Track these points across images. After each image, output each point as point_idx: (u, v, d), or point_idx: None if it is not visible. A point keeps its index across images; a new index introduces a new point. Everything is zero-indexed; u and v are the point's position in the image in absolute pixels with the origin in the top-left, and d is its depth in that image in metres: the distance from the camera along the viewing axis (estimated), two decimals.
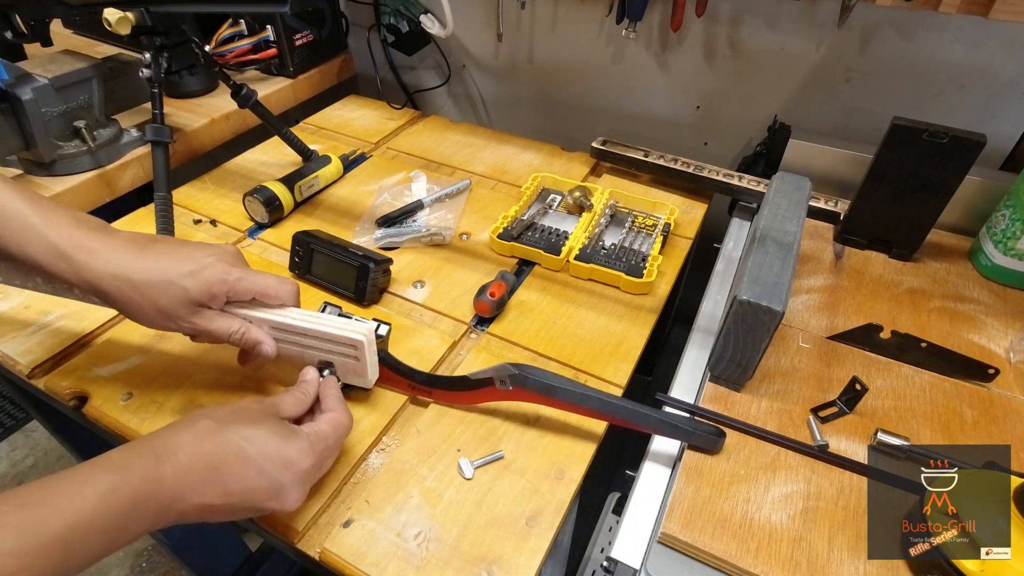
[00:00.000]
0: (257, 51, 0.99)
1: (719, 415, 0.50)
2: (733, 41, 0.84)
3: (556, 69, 1.00)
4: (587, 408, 0.49)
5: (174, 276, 0.45)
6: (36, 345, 0.59)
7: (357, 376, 0.52)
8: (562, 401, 0.49)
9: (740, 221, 0.77)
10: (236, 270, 0.48)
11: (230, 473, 0.39)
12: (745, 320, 0.47)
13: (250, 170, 0.86)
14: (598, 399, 0.48)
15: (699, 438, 0.47)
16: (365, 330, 0.49)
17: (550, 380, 0.48)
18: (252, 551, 1.14)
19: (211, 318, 0.47)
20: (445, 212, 0.78)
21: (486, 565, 0.43)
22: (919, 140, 0.60)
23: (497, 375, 0.50)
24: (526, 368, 0.49)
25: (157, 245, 0.46)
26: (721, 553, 0.41)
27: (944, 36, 0.73)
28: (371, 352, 0.50)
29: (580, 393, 0.48)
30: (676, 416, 0.49)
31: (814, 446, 0.48)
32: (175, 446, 0.38)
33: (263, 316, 0.49)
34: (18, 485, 0.33)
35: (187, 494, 0.38)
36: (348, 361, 0.50)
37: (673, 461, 0.49)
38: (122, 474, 0.35)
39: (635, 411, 0.47)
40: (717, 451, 0.48)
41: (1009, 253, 0.63)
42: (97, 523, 0.34)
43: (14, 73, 0.69)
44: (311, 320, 0.49)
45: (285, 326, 0.49)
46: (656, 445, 0.51)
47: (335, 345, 0.49)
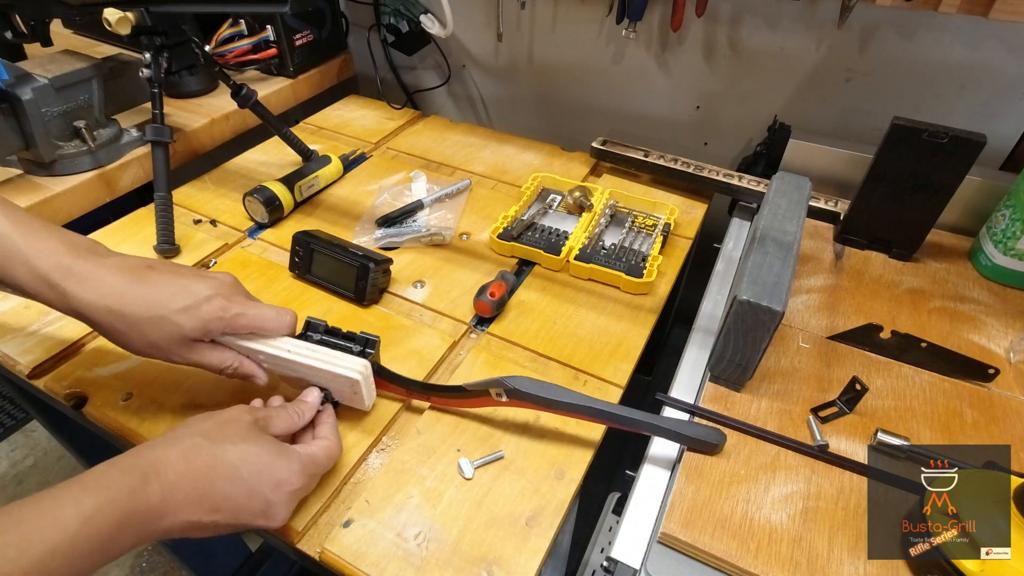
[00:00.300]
0: (257, 51, 0.99)
1: (719, 415, 0.50)
2: (733, 41, 0.84)
3: (556, 69, 1.00)
4: (586, 416, 0.49)
5: (168, 312, 0.43)
6: (36, 345, 0.59)
7: (354, 402, 0.51)
8: (559, 411, 0.49)
9: (740, 221, 0.77)
10: (234, 305, 0.46)
11: (219, 492, 0.39)
12: (745, 320, 0.47)
13: (250, 170, 0.86)
14: (595, 409, 0.48)
15: (697, 442, 0.47)
16: (361, 367, 0.48)
17: (545, 393, 0.48)
18: (252, 551, 1.14)
19: (204, 352, 0.46)
20: (445, 212, 0.78)
21: (486, 565, 0.43)
22: (919, 140, 0.60)
23: (493, 388, 0.49)
24: (521, 381, 0.48)
25: (152, 274, 0.45)
26: (721, 553, 0.41)
27: (944, 36, 0.73)
28: (368, 384, 0.49)
29: (576, 404, 0.48)
30: (673, 421, 0.48)
31: (814, 446, 0.48)
32: (163, 464, 0.37)
33: (258, 348, 0.48)
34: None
35: (174, 512, 0.37)
36: (345, 390, 0.50)
37: (673, 461, 0.49)
38: (107, 494, 0.34)
39: (632, 418, 0.47)
40: (717, 453, 0.48)
41: (1009, 253, 0.63)
42: (81, 545, 0.33)
43: (14, 73, 0.69)
44: (307, 355, 0.48)
45: (279, 360, 0.48)
46: (656, 446, 0.51)
47: (332, 379, 0.49)
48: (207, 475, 0.38)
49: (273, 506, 0.41)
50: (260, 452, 0.41)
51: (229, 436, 0.41)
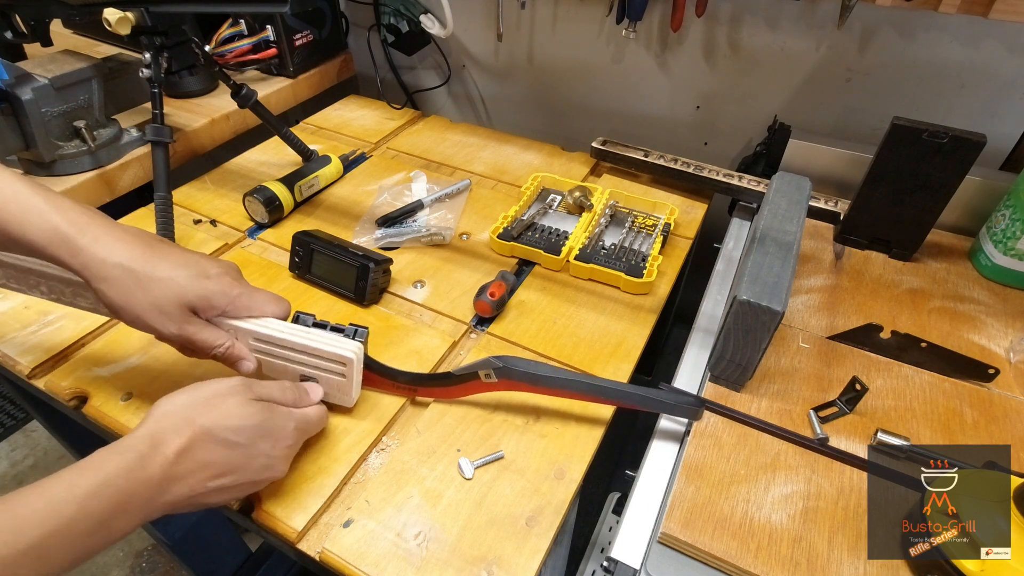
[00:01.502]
0: (257, 51, 0.99)
1: (723, 407, 0.51)
2: (733, 41, 0.84)
3: (556, 69, 1.00)
4: (573, 392, 0.50)
5: (178, 276, 0.44)
6: (36, 345, 0.59)
7: (340, 393, 0.51)
8: (548, 388, 0.50)
9: (740, 221, 0.77)
10: (238, 286, 0.48)
11: (220, 459, 0.40)
12: (745, 320, 0.47)
13: (250, 170, 0.86)
14: (582, 383, 0.49)
15: (680, 409, 0.49)
16: (354, 347, 0.48)
17: (534, 369, 0.49)
18: (252, 551, 1.14)
19: (199, 327, 0.46)
20: (445, 212, 0.78)
21: (486, 565, 0.43)
22: (919, 140, 0.60)
23: (481, 369, 0.50)
24: (510, 360, 0.49)
25: (164, 246, 0.46)
26: (721, 553, 0.41)
27: (944, 36, 0.73)
28: (358, 371, 0.50)
29: (564, 379, 0.50)
30: (656, 391, 0.50)
31: (814, 439, 0.48)
32: (161, 440, 0.38)
33: (251, 328, 0.48)
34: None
35: (178, 485, 0.38)
36: (333, 378, 0.50)
37: (673, 461, 0.49)
38: (102, 476, 0.35)
39: (618, 390, 0.49)
40: (699, 419, 0.49)
41: (1009, 253, 0.63)
42: (78, 527, 0.34)
43: (14, 73, 0.69)
44: (300, 335, 0.48)
45: (273, 339, 0.48)
46: (656, 445, 0.51)
47: (323, 361, 0.49)
48: (205, 445, 0.40)
49: (275, 460, 0.44)
50: (254, 413, 0.43)
51: (225, 402, 0.42)
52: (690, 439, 0.49)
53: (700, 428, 0.49)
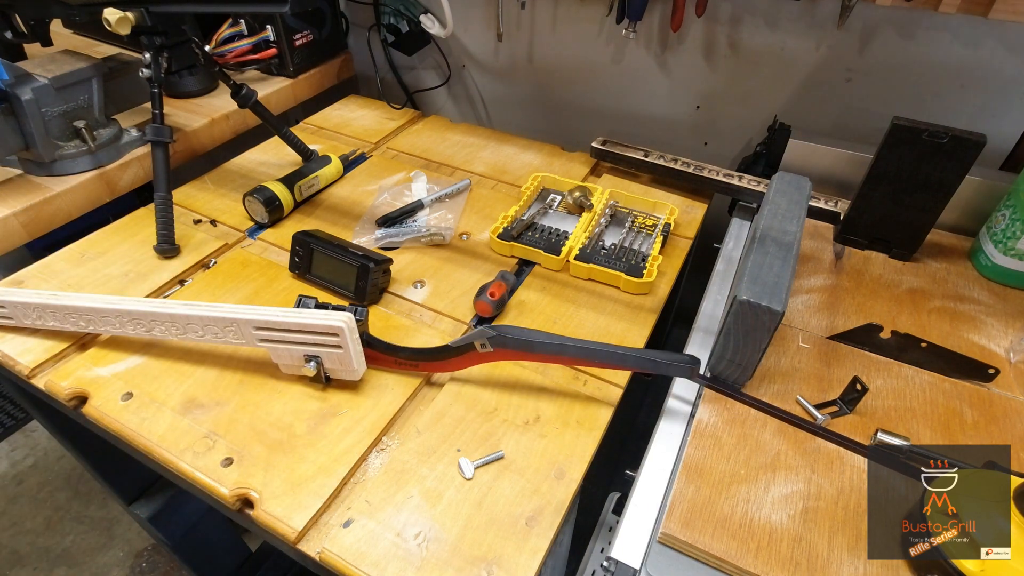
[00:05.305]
0: (257, 51, 0.99)
1: (731, 389, 0.51)
2: (733, 41, 0.84)
3: (556, 69, 1.00)
4: (566, 357, 0.51)
5: None
6: (36, 345, 0.59)
7: (344, 368, 0.53)
8: (542, 355, 0.52)
9: (740, 221, 0.77)
10: None
11: None
12: (745, 320, 0.47)
13: (250, 170, 0.86)
14: (575, 347, 0.50)
15: (674, 368, 0.50)
16: (343, 317, 0.50)
17: (528, 336, 0.51)
18: (252, 551, 1.14)
19: None
20: (445, 212, 0.78)
21: (486, 565, 0.43)
22: (919, 140, 0.60)
23: (477, 339, 0.52)
24: (504, 328, 0.51)
25: None
26: (721, 553, 0.41)
27: (944, 36, 0.73)
28: (354, 340, 0.51)
29: (558, 344, 0.51)
30: (651, 352, 0.51)
31: (816, 423, 0.49)
32: None
33: (247, 317, 0.51)
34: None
35: None
36: (333, 352, 0.52)
37: (673, 462, 0.49)
38: None
39: (612, 352, 0.50)
40: (693, 378, 0.50)
41: (1009, 253, 0.63)
42: None
43: (14, 73, 0.69)
44: (291, 315, 0.51)
45: (270, 323, 0.51)
46: (656, 445, 0.51)
47: (318, 336, 0.51)
48: None
49: None
50: None
51: None
52: (690, 439, 0.49)
53: (700, 428, 0.49)
